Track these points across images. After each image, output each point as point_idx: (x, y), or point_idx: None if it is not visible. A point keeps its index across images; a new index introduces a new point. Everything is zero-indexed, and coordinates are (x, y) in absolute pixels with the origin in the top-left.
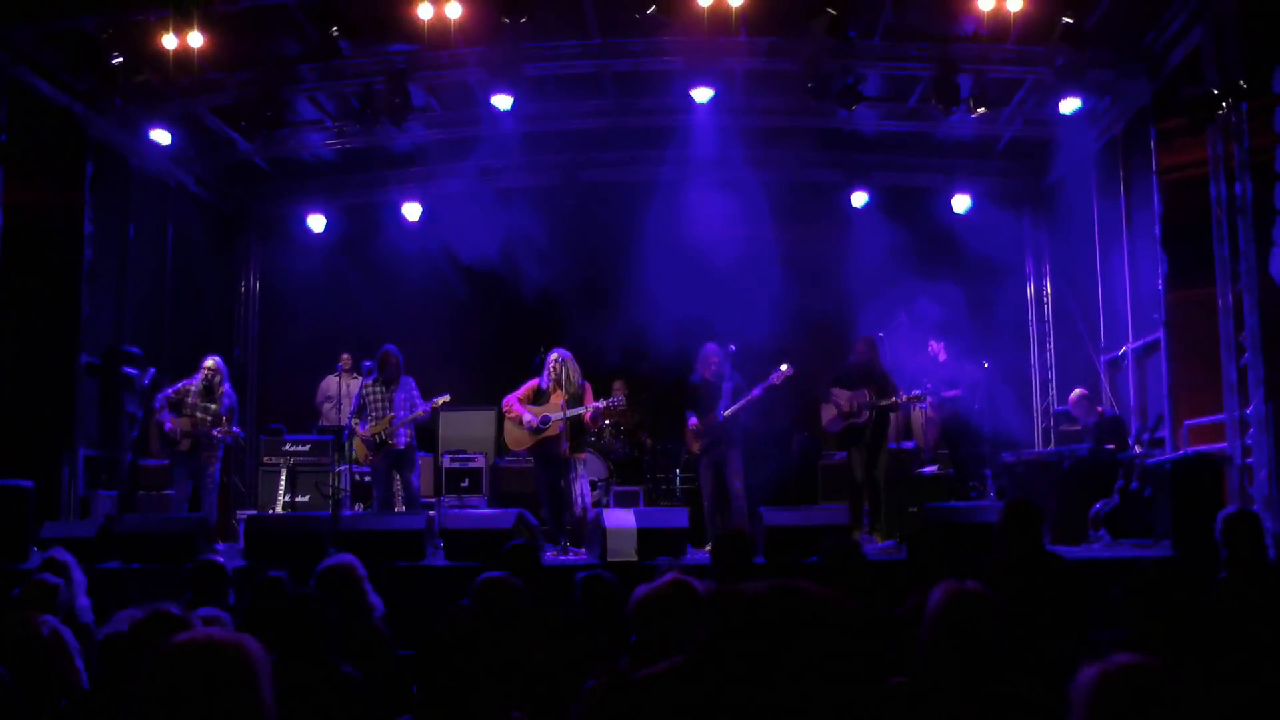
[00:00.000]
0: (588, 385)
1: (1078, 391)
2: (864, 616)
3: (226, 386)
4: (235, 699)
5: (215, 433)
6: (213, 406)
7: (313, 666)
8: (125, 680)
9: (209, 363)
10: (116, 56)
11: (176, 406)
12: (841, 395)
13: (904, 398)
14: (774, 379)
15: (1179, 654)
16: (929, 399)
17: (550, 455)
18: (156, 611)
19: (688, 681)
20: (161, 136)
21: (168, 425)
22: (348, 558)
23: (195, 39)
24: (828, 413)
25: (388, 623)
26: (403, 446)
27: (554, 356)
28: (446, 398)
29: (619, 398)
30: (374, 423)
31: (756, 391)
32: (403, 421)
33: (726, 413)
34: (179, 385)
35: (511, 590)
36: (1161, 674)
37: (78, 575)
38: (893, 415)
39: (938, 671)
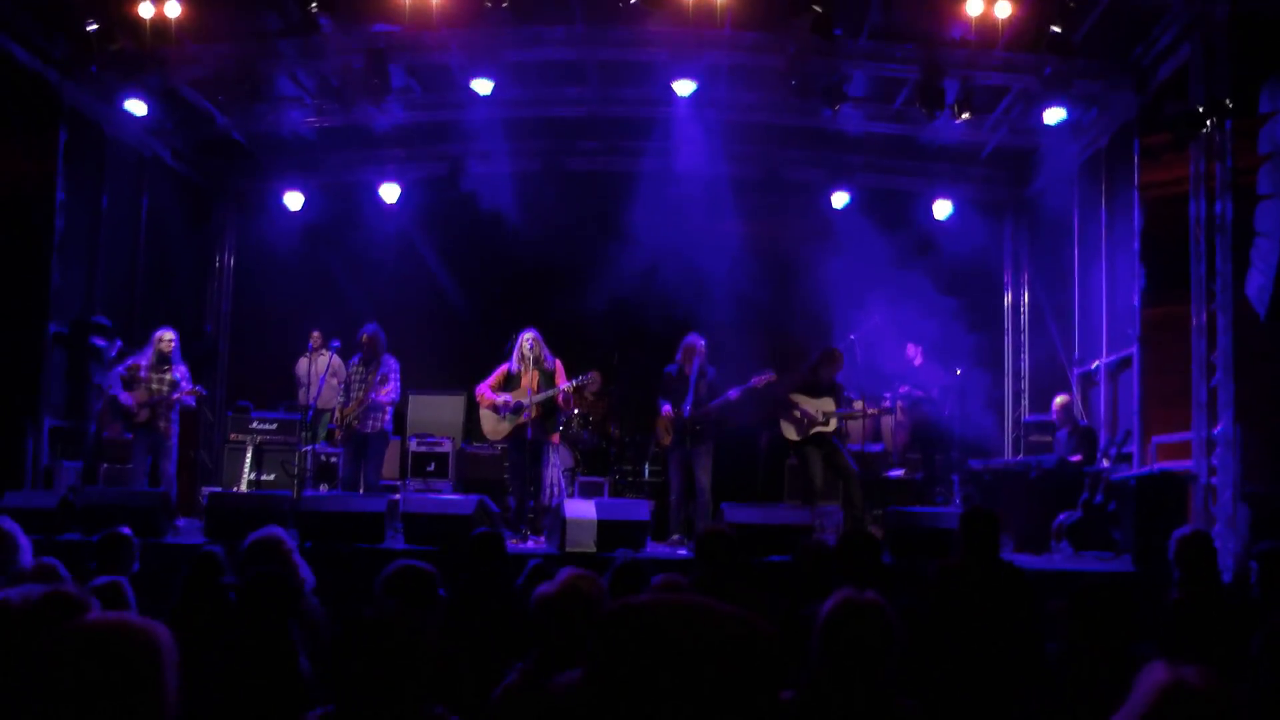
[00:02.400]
0: (559, 363)
1: (1063, 398)
2: (761, 634)
3: (177, 355)
4: (136, 686)
5: (177, 395)
6: (167, 376)
7: (271, 657)
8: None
9: (165, 334)
10: (92, 23)
11: (130, 383)
12: (807, 404)
13: (838, 417)
14: (755, 383)
15: (1116, 670)
16: (901, 403)
17: (524, 440)
18: (54, 592)
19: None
20: (137, 107)
21: (126, 400)
22: (274, 530)
23: (173, 8)
24: (788, 424)
25: (320, 596)
26: (368, 431)
27: (526, 336)
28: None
29: (591, 374)
30: (353, 404)
31: (734, 394)
32: (365, 404)
33: (695, 411)
34: (129, 362)
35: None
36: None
37: (23, 541)
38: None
39: (826, 683)
